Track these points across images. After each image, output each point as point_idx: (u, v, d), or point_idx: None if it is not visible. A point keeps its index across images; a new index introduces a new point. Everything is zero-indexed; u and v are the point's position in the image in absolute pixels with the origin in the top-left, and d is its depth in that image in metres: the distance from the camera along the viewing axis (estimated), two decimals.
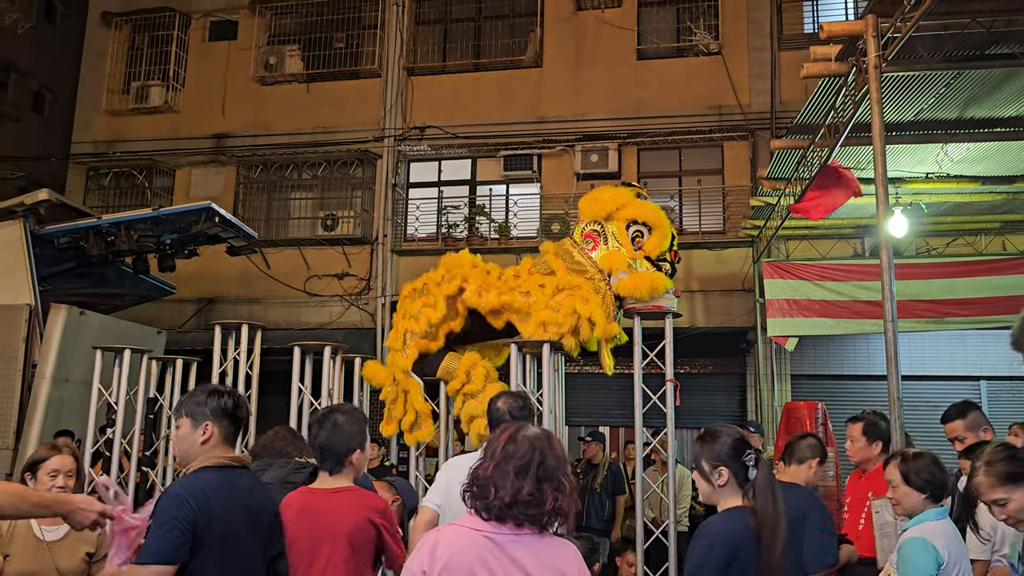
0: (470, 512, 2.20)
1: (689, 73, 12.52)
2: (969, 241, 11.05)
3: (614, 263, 5.52)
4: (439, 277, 6.01)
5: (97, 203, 13.59)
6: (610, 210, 5.61)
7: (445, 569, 2.09)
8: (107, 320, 9.33)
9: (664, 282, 5.53)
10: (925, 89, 6.38)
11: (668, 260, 5.62)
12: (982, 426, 4.23)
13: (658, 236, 5.52)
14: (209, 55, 14.16)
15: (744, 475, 2.79)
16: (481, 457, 2.27)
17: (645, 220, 5.54)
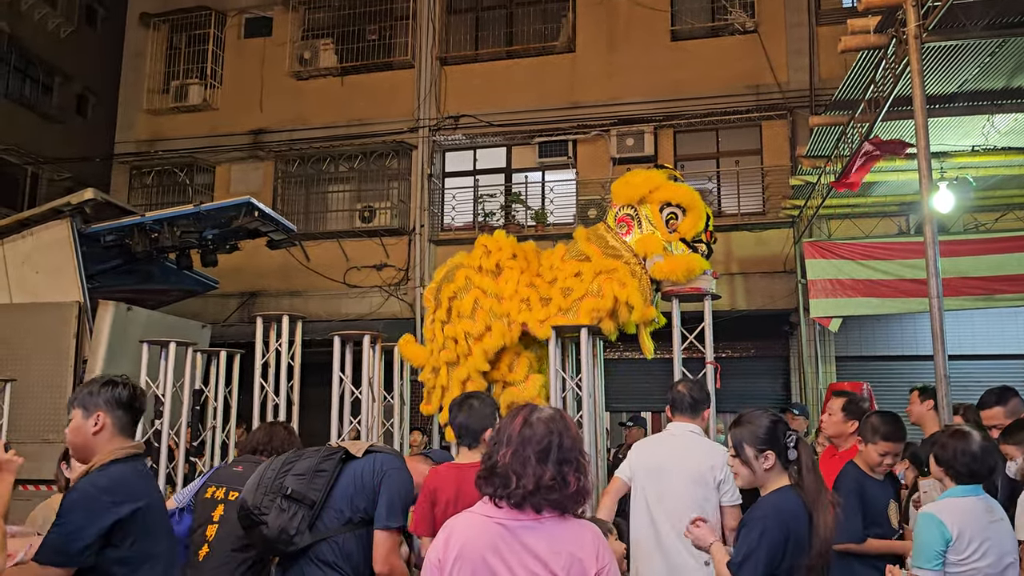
0: (485, 500, 2.17)
1: (725, 53, 12.35)
2: (1019, 216, 10.75)
3: (649, 246, 5.45)
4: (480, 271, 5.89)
5: (140, 201, 13.86)
6: (643, 193, 5.54)
7: (459, 558, 2.09)
8: (153, 315, 9.52)
9: (700, 263, 5.45)
10: (968, 59, 6.19)
11: (704, 241, 5.52)
12: (1022, 412, 4.11)
13: (692, 217, 5.43)
14: (245, 52, 14.33)
15: (786, 457, 2.85)
16: (494, 443, 2.21)
17: (679, 202, 5.46)
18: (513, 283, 5.71)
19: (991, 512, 3.10)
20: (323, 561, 3.06)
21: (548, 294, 5.66)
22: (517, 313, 5.62)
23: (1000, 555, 3.01)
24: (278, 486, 3.14)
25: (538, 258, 6.00)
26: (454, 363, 5.72)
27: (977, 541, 2.98)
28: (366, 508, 3.17)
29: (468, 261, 6.03)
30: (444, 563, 2.11)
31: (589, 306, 5.43)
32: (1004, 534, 3.08)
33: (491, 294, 5.73)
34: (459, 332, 5.72)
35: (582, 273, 5.58)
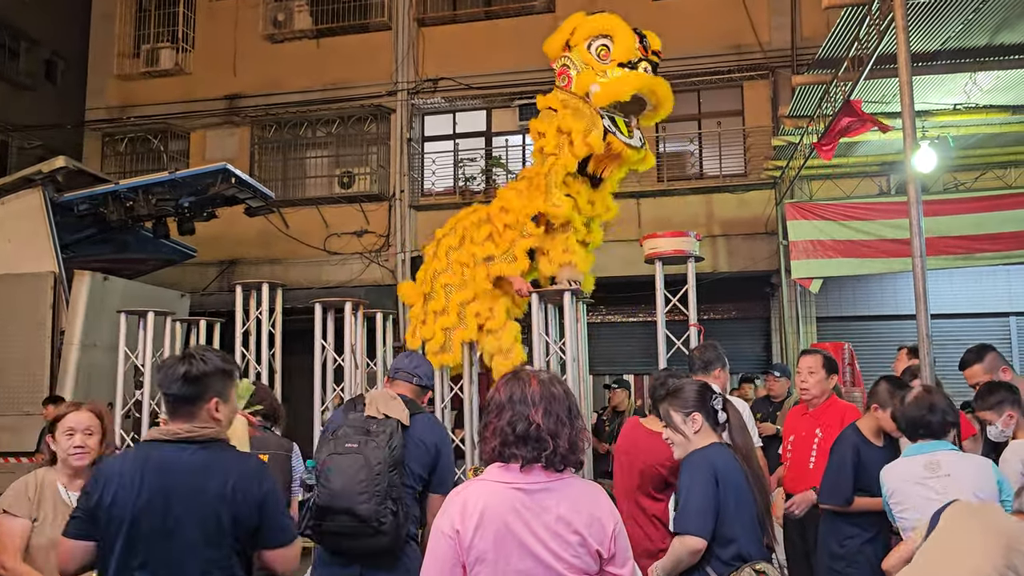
0: (497, 466, 2.12)
1: (706, 12, 12.19)
2: (999, 175, 10.78)
3: (583, 83, 5.28)
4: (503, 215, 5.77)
5: (114, 169, 13.60)
6: (565, 39, 5.46)
7: (479, 526, 2.03)
8: (131, 285, 9.40)
9: (638, 79, 5.16)
10: (952, 15, 6.14)
11: (644, 59, 5.24)
12: (1000, 367, 4.15)
13: (620, 40, 5.21)
14: (217, 14, 13.99)
15: (715, 419, 2.96)
16: (513, 405, 2.12)
17: (601, 32, 5.27)
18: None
19: (933, 468, 3.19)
20: None
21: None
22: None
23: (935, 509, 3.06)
24: (384, 490, 3.01)
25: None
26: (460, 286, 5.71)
27: (904, 500, 3.24)
28: (425, 473, 3.27)
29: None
30: (463, 533, 2.03)
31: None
32: (943, 490, 3.09)
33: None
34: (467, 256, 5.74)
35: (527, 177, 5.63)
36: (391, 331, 7.03)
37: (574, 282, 5.50)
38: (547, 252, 5.52)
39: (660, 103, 5.29)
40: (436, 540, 2.08)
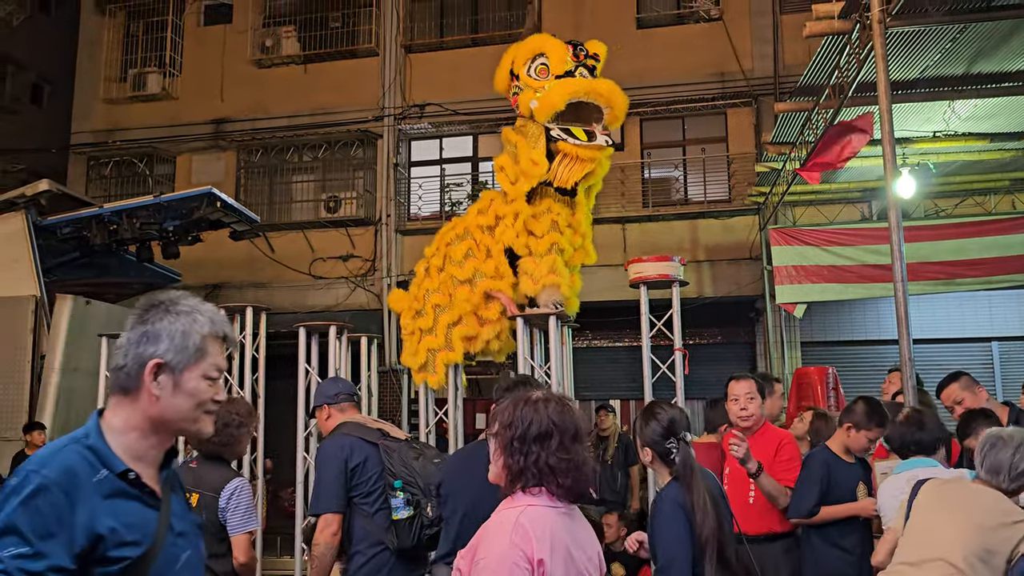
0: (535, 491, 1.99)
1: (690, 40, 12.36)
2: (978, 201, 10.93)
3: (524, 104, 5.32)
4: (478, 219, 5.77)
5: (99, 193, 13.56)
6: (507, 68, 5.53)
7: (553, 552, 1.92)
8: (113, 309, 9.34)
9: (572, 84, 5.14)
10: (930, 45, 6.25)
11: (580, 64, 5.23)
12: (977, 386, 4.23)
13: (553, 54, 5.23)
14: (204, 39, 14.05)
15: (669, 458, 2.92)
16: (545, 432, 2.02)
17: (535, 52, 5.31)
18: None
19: (912, 483, 3.31)
20: None
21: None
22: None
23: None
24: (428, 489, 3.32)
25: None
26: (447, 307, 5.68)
27: (887, 510, 3.44)
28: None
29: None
30: (544, 561, 1.90)
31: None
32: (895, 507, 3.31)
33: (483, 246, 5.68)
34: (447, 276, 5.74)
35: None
36: (376, 355, 7.00)
37: (557, 304, 5.50)
38: (530, 273, 5.52)
39: (609, 101, 5.15)
40: (513, 570, 1.87)
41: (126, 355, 1.67)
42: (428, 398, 6.11)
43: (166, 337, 1.67)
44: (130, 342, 1.67)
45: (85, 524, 1.52)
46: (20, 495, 1.50)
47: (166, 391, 1.66)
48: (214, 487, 3.33)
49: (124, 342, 1.68)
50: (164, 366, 1.66)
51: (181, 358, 1.67)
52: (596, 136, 5.19)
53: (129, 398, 1.67)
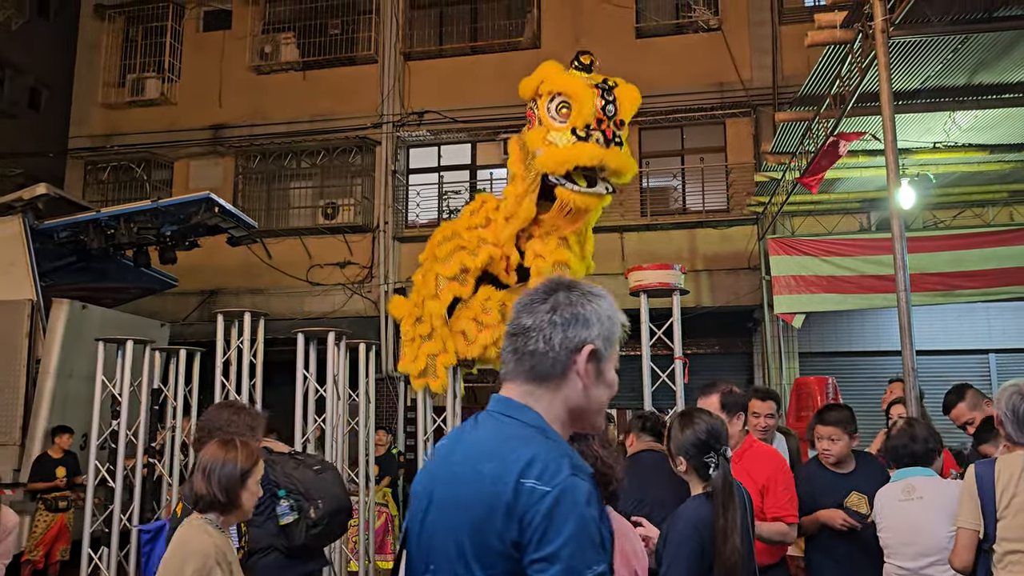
0: None
1: (689, 50, 12.38)
2: (977, 212, 10.93)
3: (532, 141, 5.02)
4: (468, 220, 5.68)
5: (96, 197, 13.52)
6: (535, 86, 5.29)
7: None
8: (109, 314, 9.29)
9: (582, 155, 4.87)
10: (932, 55, 6.25)
11: (599, 129, 4.89)
12: (984, 400, 4.20)
13: (578, 107, 4.88)
14: (204, 45, 14.05)
15: (705, 471, 2.81)
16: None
17: (562, 91, 4.97)
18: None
19: (908, 491, 3.42)
20: None
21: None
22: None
23: (907, 529, 3.38)
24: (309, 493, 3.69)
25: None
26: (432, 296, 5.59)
27: (882, 517, 3.50)
28: None
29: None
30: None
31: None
32: (914, 513, 3.39)
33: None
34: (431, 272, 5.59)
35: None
36: (374, 362, 6.96)
37: None
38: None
39: (614, 174, 4.93)
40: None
41: (548, 339, 1.49)
42: (427, 405, 6.05)
43: (596, 321, 1.52)
44: (553, 324, 1.50)
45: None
46: (588, 505, 1.36)
47: (591, 379, 1.52)
48: (188, 500, 3.17)
49: (537, 323, 1.51)
50: (595, 352, 1.52)
51: (606, 345, 1.54)
52: (597, 183, 5.03)
53: (547, 386, 1.51)
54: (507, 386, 1.55)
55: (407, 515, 1.57)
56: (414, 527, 1.51)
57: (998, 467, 2.96)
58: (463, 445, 1.52)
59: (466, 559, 1.37)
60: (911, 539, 3.37)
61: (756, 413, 4.34)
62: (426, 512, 1.48)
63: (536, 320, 1.51)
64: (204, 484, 2.71)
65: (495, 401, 1.55)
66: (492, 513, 1.36)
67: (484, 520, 1.37)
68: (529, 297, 1.56)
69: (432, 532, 1.46)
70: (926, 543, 3.30)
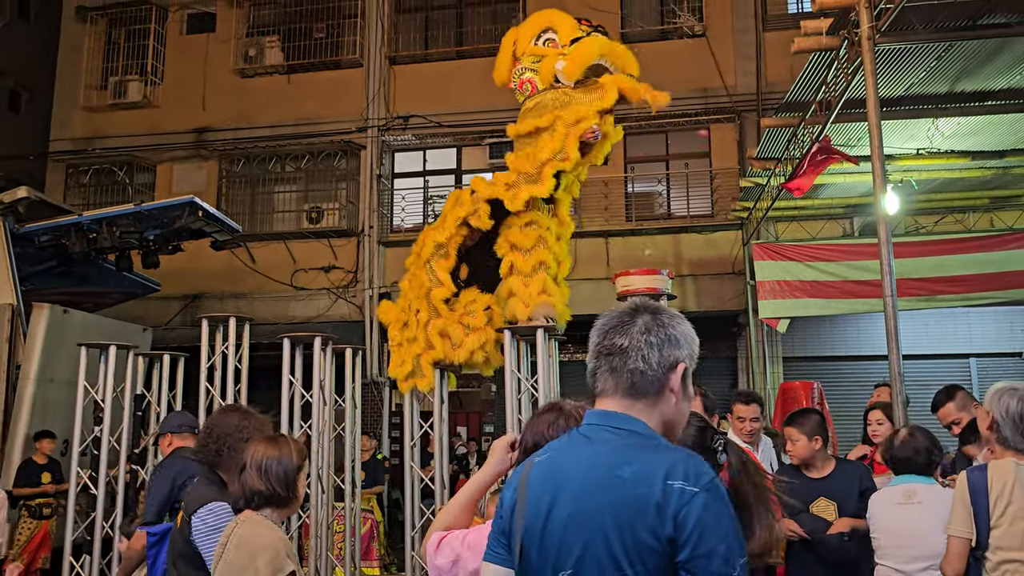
0: None
1: (674, 56, 12.43)
2: (958, 218, 11.05)
3: (546, 69, 5.03)
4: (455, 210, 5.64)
5: (78, 201, 13.39)
6: (510, 54, 5.28)
7: None
8: (91, 318, 9.18)
9: (599, 41, 4.96)
10: (916, 62, 6.31)
11: (594, 29, 5.08)
12: (972, 403, 4.23)
13: (563, 27, 5.04)
14: (187, 48, 13.96)
15: (715, 461, 2.78)
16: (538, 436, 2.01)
17: (541, 27, 5.12)
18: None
19: (909, 496, 3.45)
20: None
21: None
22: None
23: (904, 533, 3.43)
24: None
25: None
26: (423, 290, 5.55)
27: (877, 519, 3.54)
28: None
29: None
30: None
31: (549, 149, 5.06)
32: (912, 517, 3.42)
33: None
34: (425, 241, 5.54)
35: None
36: (360, 367, 6.92)
37: (549, 319, 5.45)
38: (520, 294, 5.43)
39: (624, 64, 5.04)
40: None
41: (646, 358, 1.61)
42: (414, 410, 6.02)
43: (685, 342, 1.66)
44: (649, 344, 1.62)
45: None
46: (729, 504, 1.51)
47: (681, 394, 1.65)
48: (190, 509, 3.09)
49: (634, 344, 1.63)
50: (685, 370, 1.65)
51: (691, 363, 1.68)
52: None
53: (645, 401, 1.62)
54: (605, 401, 1.65)
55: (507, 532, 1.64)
56: (532, 538, 1.56)
57: (990, 474, 2.94)
58: (581, 456, 1.59)
59: (616, 559, 1.46)
60: (906, 542, 3.39)
61: (741, 418, 4.39)
62: (547, 521, 1.55)
63: (632, 341, 1.62)
64: (262, 481, 2.69)
65: (601, 415, 1.64)
66: (643, 513, 1.46)
67: (635, 520, 1.46)
68: (616, 319, 1.67)
69: (561, 539, 1.52)
70: (921, 548, 3.31)
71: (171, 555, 3.11)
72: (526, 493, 1.62)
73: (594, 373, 1.67)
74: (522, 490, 1.63)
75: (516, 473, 1.71)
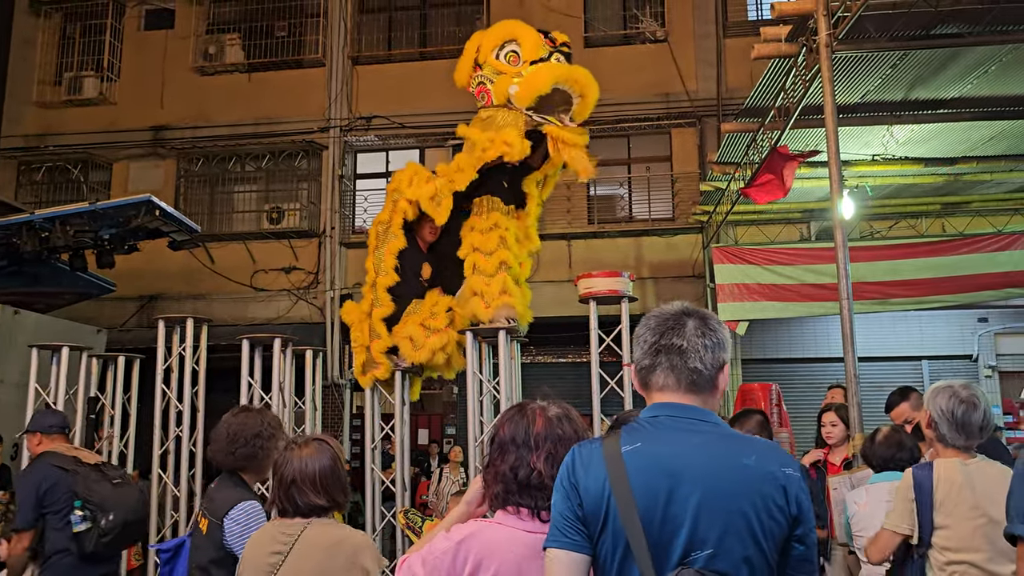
0: (509, 511, 1.95)
1: (636, 60, 12.54)
2: (911, 224, 11.29)
3: (500, 88, 5.06)
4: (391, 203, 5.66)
5: (30, 199, 13.08)
6: (472, 59, 5.29)
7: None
8: (43, 319, 8.98)
9: (556, 68, 4.97)
10: (872, 70, 6.44)
11: (555, 50, 5.05)
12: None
13: (527, 40, 5.02)
14: (145, 45, 13.72)
15: None
16: (511, 448, 1.97)
17: (506, 39, 5.09)
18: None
19: (891, 493, 3.46)
20: None
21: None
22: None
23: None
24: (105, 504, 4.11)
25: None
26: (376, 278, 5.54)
27: (859, 516, 3.60)
28: None
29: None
30: None
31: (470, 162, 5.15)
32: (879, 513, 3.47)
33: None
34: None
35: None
36: (320, 369, 6.86)
37: (511, 320, 5.46)
38: (482, 294, 5.43)
39: (584, 90, 5.02)
40: None
41: (703, 358, 1.78)
42: (375, 412, 5.98)
43: (727, 346, 1.85)
44: (705, 347, 1.79)
45: None
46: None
47: (721, 392, 1.86)
48: (219, 512, 3.02)
49: (692, 346, 1.79)
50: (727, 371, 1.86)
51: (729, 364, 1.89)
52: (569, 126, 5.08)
53: (701, 397, 1.80)
54: (666, 395, 1.81)
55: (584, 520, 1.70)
56: (651, 521, 1.65)
57: (936, 473, 2.96)
58: (691, 446, 1.72)
59: (755, 536, 1.64)
60: None
61: None
62: (668, 505, 1.65)
63: (690, 343, 1.79)
64: (322, 495, 2.54)
65: (679, 408, 1.78)
66: (774, 496, 1.67)
67: (768, 502, 1.66)
68: (671, 320, 1.83)
69: (695, 521, 1.65)
70: None
71: (198, 564, 3.01)
72: (627, 481, 1.68)
73: (653, 368, 1.81)
74: (618, 479, 1.69)
75: (593, 462, 1.74)
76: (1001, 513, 2.44)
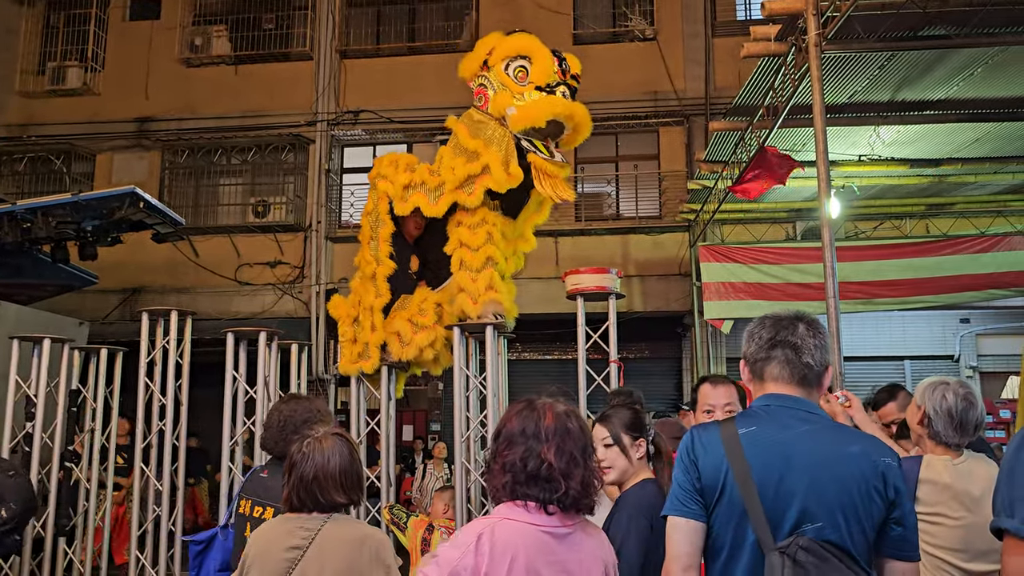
0: (515, 504, 1.96)
1: (625, 59, 12.55)
2: (896, 224, 11.36)
3: (499, 105, 5.06)
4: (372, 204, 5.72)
5: (11, 189, 12.93)
6: (483, 58, 5.30)
7: (511, 571, 1.87)
8: (24, 311, 8.88)
9: (556, 103, 4.94)
10: (860, 70, 6.47)
11: (563, 83, 5.00)
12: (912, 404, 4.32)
13: (539, 62, 4.99)
14: (130, 35, 13.58)
15: (647, 448, 2.91)
16: (523, 439, 1.98)
17: (519, 53, 5.06)
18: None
19: None
20: None
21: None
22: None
23: None
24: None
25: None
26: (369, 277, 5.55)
27: None
28: None
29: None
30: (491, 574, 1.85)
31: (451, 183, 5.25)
32: None
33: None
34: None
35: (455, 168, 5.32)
36: (306, 363, 6.82)
37: (498, 315, 5.44)
38: (468, 290, 5.42)
39: (578, 127, 5.10)
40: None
41: (814, 356, 1.98)
42: (360, 407, 5.96)
43: (829, 350, 2.06)
44: (815, 346, 2.00)
45: None
46: None
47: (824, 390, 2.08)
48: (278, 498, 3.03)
49: (805, 344, 1.99)
50: None
51: None
52: (555, 155, 5.11)
53: (809, 391, 2.00)
54: (778, 386, 2.00)
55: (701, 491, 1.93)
56: (766, 496, 1.86)
57: (923, 469, 2.91)
58: (801, 434, 1.92)
59: (858, 514, 1.85)
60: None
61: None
62: (780, 483, 1.86)
63: (803, 341, 1.99)
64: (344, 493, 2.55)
65: (790, 400, 1.98)
66: (875, 481, 1.87)
67: (870, 486, 1.87)
68: (786, 321, 2.03)
69: (805, 498, 1.85)
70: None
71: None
72: (744, 458, 1.90)
73: (768, 361, 2.01)
74: (736, 456, 1.91)
75: (712, 441, 1.95)
76: (985, 515, 2.42)
